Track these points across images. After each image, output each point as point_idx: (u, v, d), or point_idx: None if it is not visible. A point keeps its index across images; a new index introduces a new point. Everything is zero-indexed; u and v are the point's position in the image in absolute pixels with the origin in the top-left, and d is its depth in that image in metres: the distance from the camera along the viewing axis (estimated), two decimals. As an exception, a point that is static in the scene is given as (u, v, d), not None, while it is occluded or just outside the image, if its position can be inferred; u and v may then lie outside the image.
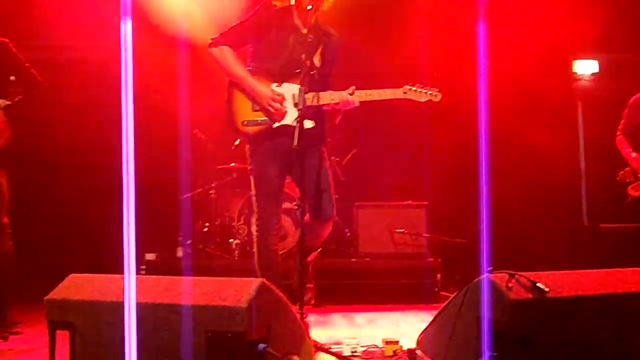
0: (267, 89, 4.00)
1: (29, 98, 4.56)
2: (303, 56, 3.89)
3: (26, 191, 4.96)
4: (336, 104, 3.97)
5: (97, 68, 6.45)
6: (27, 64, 4.58)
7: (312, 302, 4.27)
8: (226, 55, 4.04)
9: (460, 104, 6.37)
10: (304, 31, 3.98)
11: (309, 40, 3.93)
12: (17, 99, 4.51)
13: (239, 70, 4.03)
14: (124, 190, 3.73)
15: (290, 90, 4.00)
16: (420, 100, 3.99)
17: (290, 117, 3.97)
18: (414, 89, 3.98)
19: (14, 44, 4.57)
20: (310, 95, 3.90)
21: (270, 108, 3.97)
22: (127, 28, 4.16)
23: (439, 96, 4.00)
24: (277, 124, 4.00)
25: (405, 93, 3.98)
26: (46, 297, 3.07)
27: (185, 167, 7.10)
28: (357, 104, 3.96)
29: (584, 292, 2.96)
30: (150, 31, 6.30)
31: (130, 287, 2.86)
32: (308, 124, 3.87)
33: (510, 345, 2.73)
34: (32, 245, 5.37)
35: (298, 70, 3.92)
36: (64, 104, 6.51)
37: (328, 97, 3.96)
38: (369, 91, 3.97)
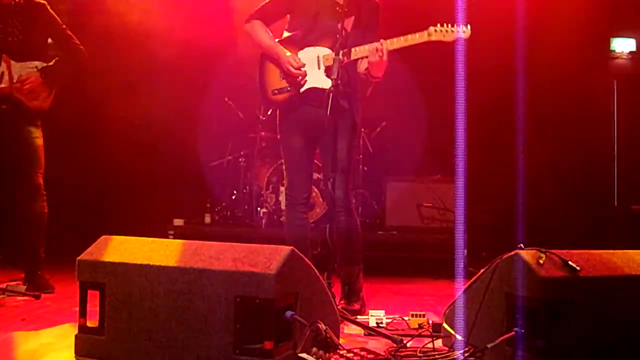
0: (287, 53, 4.04)
1: (67, 60, 4.59)
2: (331, 22, 3.92)
3: (60, 152, 5.01)
4: (368, 66, 3.90)
5: (134, 33, 6.47)
6: (64, 27, 4.61)
7: (341, 272, 4.27)
8: (256, 27, 4.15)
9: (495, 79, 6.30)
10: None
11: (339, 5, 3.92)
12: (53, 60, 4.55)
13: (267, 39, 4.12)
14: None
15: (314, 53, 4.04)
16: (448, 39, 3.79)
17: (314, 78, 4.01)
18: (440, 28, 3.80)
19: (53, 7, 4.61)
20: (340, 54, 3.85)
21: (288, 70, 4.02)
22: None
23: (468, 31, 3.77)
24: (304, 88, 4.04)
25: (430, 35, 3.81)
26: (78, 258, 3.11)
27: (214, 136, 7.13)
28: (385, 57, 3.83)
29: (615, 273, 2.93)
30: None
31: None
32: (329, 83, 3.78)
33: (539, 322, 2.72)
34: (65, 206, 5.42)
35: (324, 34, 3.98)
36: (99, 67, 6.54)
37: (357, 52, 3.89)
38: (394, 39, 3.87)
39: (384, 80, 4.06)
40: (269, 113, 6.63)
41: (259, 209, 6.71)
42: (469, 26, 3.80)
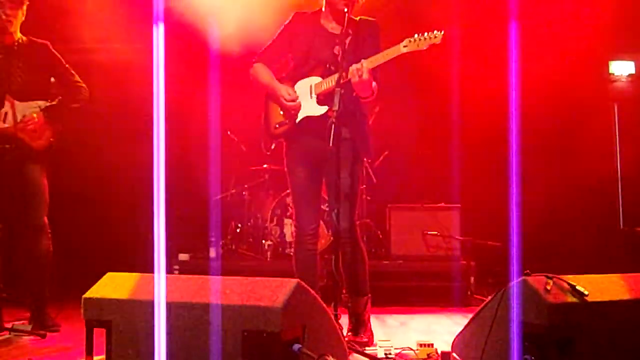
0: (282, 86, 4.16)
1: (69, 99, 4.64)
2: (324, 52, 4.04)
3: (63, 191, 5.02)
4: (354, 83, 3.89)
5: (132, 70, 6.51)
6: (67, 66, 4.67)
7: (349, 304, 4.25)
8: (257, 69, 4.30)
9: (493, 105, 6.32)
10: (332, 31, 4.09)
11: (334, 36, 4.01)
12: (56, 100, 4.59)
13: (266, 77, 4.26)
14: (154, 192, 3.79)
15: (307, 83, 4.14)
16: (422, 48, 3.82)
17: (307, 108, 4.10)
18: (413, 39, 3.83)
19: (55, 46, 4.66)
20: (328, 79, 3.99)
21: (283, 102, 4.13)
22: (159, 32, 4.29)
23: (439, 35, 3.79)
24: (299, 118, 4.12)
25: (405, 47, 3.84)
26: (84, 296, 3.10)
27: (217, 169, 7.14)
28: (365, 76, 3.83)
29: (623, 296, 2.92)
30: (182, 33, 6.34)
31: (160, 286, 2.89)
32: (321, 110, 3.96)
33: (548, 349, 2.70)
34: (69, 244, 5.42)
35: (316, 65, 4.09)
36: (100, 105, 6.58)
37: (339, 76, 3.87)
38: (372, 57, 3.90)
39: (383, 108, 4.10)
40: (272, 147, 6.66)
41: (263, 241, 6.70)
42: (441, 31, 3.83)
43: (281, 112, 4.22)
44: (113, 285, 3.12)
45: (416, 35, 3.84)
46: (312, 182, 4.21)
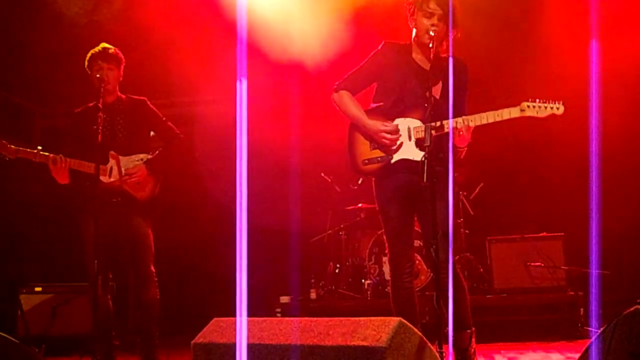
0: (378, 123, 4.06)
1: (169, 151, 4.83)
2: (420, 90, 3.92)
3: (166, 240, 5.18)
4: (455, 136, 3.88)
5: (222, 120, 6.73)
6: (164, 119, 4.87)
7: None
8: (344, 98, 4.19)
9: (586, 131, 6.15)
10: (423, 65, 4.03)
11: (427, 73, 3.94)
12: (157, 152, 4.79)
13: (355, 110, 4.16)
14: (237, 237, 3.86)
15: (404, 124, 4.05)
16: (540, 116, 3.77)
17: (406, 150, 4.01)
18: (533, 104, 3.77)
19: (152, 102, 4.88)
20: (428, 126, 3.81)
21: (384, 140, 4.03)
22: (243, 87, 4.43)
23: (562, 108, 3.75)
24: (394, 159, 4.05)
25: (523, 111, 3.78)
26: (193, 342, 3.18)
27: (313, 211, 7.22)
28: (465, 134, 3.81)
29: None
30: (270, 76, 6.52)
31: (241, 330, 2.93)
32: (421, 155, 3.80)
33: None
34: (175, 292, 5.59)
35: (413, 105, 3.98)
36: (196, 155, 6.83)
37: (443, 127, 3.86)
38: (482, 114, 3.85)
39: (475, 142, 4.03)
40: (359, 182, 6.69)
41: (363, 280, 6.69)
42: (561, 102, 3.77)
43: (372, 149, 4.12)
44: (220, 330, 3.18)
45: (538, 101, 3.78)
46: (404, 218, 4.14)
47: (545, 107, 3.77)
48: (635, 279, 6.22)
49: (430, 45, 3.90)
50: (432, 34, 3.91)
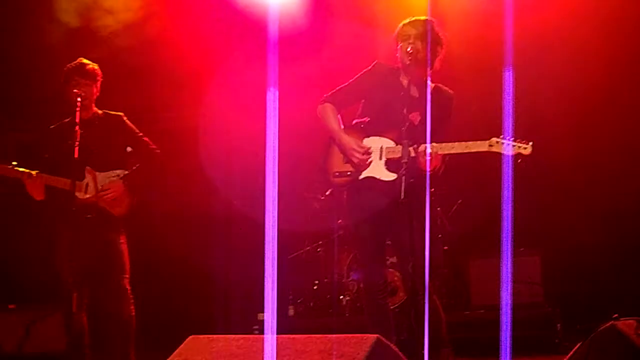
0: (352, 140, 4.11)
1: (145, 166, 4.78)
2: (401, 112, 3.91)
3: (142, 256, 5.13)
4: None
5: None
6: (140, 134, 4.83)
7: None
8: (326, 110, 4.25)
9: (568, 148, 6.21)
10: (408, 88, 4.04)
11: (412, 97, 3.96)
12: (134, 168, 4.75)
13: (333, 124, 4.21)
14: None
15: (378, 143, 4.10)
16: (507, 153, 3.83)
17: (375, 168, 4.06)
18: (503, 141, 3.83)
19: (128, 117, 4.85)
20: (400, 148, 3.87)
21: (353, 158, 4.08)
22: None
23: (529, 149, 3.80)
24: (362, 176, 4.09)
25: (491, 146, 3.85)
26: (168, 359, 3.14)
27: (292, 227, 7.19)
28: (429, 160, 3.84)
29: None
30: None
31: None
32: (389, 177, 3.93)
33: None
34: (150, 308, 5.51)
35: (392, 125, 4.00)
36: (174, 171, 6.77)
37: (411, 151, 3.88)
38: (451, 143, 3.90)
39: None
40: (327, 193, 6.69)
41: (341, 297, 6.67)
42: (530, 143, 3.81)
43: (345, 162, 4.16)
44: (196, 348, 3.15)
45: (507, 138, 3.83)
46: (376, 236, 4.16)
47: (513, 146, 3.82)
48: (612, 295, 6.24)
49: (408, 62, 3.94)
50: (410, 50, 3.96)
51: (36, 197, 4.51)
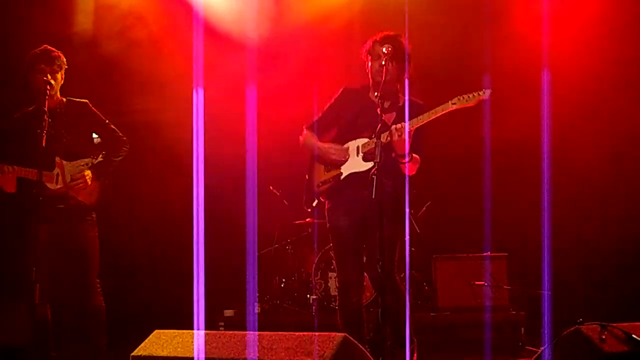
0: (329, 143, 4.33)
1: (112, 153, 4.71)
2: (371, 119, 4.08)
3: (112, 247, 5.08)
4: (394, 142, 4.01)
5: (171, 129, 6.67)
6: (107, 121, 4.76)
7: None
8: (306, 135, 4.48)
9: (535, 152, 6.27)
10: (377, 99, 4.10)
11: (381, 108, 4.01)
12: (101, 156, 4.68)
13: (311, 140, 4.42)
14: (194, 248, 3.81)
15: (354, 145, 4.26)
16: (470, 104, 3.97)
17: (353, 164, 4.20)
18: (462, 96, 3.97)
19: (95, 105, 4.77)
20: (374, 140, 4.00)
21: (332, 156, 4.26)
22: (199, 97, 4.46)
23: (487, 92, 3.95)
24: (344, 175, 4.22)
25: (454, 104, 3.98)
26: (132, 354, 3.11)
27: (260, 224, 7.16)
28: (403, 136, 3.96)
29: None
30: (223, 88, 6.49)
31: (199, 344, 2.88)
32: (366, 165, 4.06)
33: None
34: (118, 301, 5.45)
35: (364, 129, 4.18)
36: (142, 162, 6.70)
37: (385, 136, 4.01)
38: (419, 117, 4.05)
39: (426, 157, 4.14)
40: (314, 205, 6.68)
41: (308, 295, 6.67)
42: (489, 89, 3.97)
43: (325, 171, 4.33)
44: (160, 342, 3.12)
45: (464, 95, 3.97)
46: (355, 235, 4.25)
47: (473, 96, 3.96)
48: (577, 299, 6.32)
49: (379, 80, 4.05)
50: (380, 70, 4.07)
51: (7, 189, 4.43)
